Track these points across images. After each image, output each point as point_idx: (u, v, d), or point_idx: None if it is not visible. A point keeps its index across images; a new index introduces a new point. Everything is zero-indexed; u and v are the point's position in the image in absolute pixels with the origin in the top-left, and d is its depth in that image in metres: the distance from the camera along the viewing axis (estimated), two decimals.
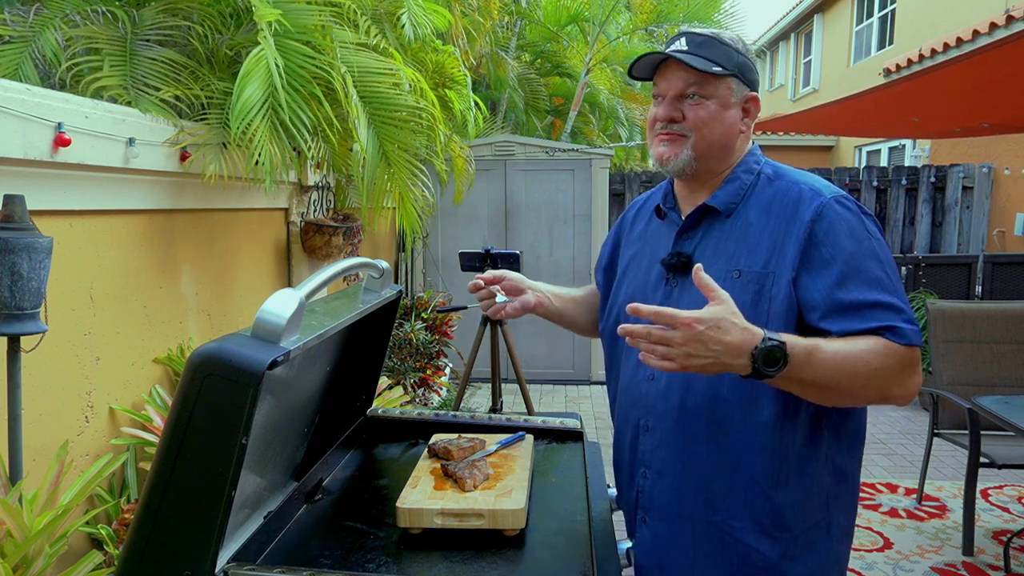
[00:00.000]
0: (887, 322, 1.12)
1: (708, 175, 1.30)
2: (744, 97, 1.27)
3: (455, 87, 3.85)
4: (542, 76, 8.33)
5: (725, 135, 1.26)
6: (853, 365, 1.09)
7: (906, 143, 9.76)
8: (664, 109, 1.26)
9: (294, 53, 2.39)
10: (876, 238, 1.19)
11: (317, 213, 3.60)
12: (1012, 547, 3.13)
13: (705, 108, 1.24)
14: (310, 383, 1.38)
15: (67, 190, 1.86)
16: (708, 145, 1.25)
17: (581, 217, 6.01)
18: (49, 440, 1.79)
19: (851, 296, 1.13)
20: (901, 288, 1.17)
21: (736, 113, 1.27)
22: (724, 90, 1.24)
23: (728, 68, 1.23)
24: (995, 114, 4.66)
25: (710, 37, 1.25)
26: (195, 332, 2.52)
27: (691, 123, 1.25)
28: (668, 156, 1.26)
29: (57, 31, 2.24)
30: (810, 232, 1.17)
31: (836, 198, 1.20)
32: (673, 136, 1.26)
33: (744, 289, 1.19)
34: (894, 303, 1.14)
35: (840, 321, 1.14)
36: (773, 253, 1.19)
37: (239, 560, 1.05)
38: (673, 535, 1.28)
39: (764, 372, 1.04)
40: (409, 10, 3.13)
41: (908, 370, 1.13)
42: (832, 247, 1.16)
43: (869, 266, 1.15)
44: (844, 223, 1.17)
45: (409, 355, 4.61)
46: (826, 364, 1.08)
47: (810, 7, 13.50)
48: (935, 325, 3.71)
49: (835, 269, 1.15)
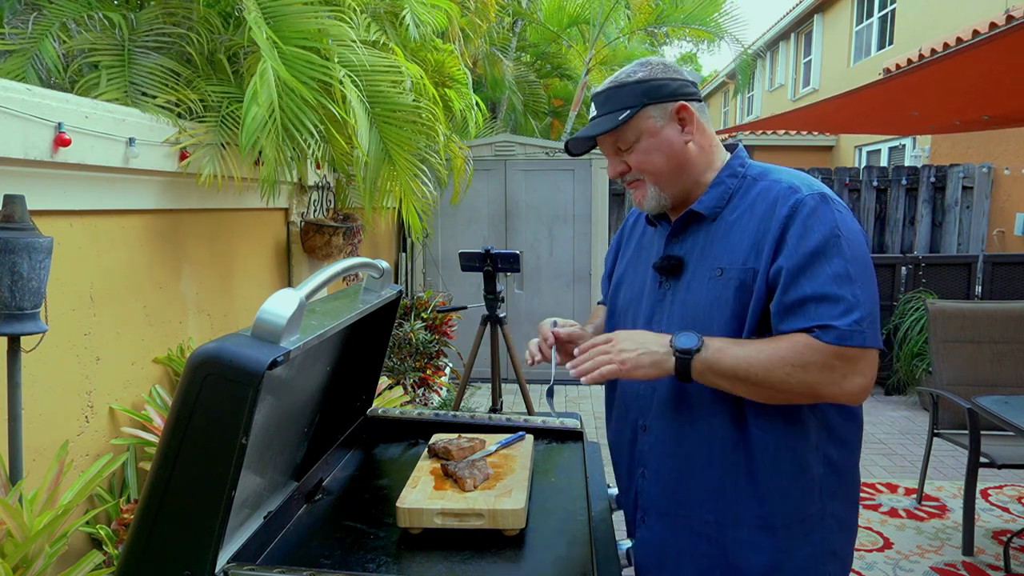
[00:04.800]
0: (822, 320, 1.13)
1: (687, 193, 1.33)
2: (670, 112, 1.28)
3: (455, 86, 3.85)
4: (542, 78, 8.34)
5: (672, 158, 1.29)
6: (768, 359, 1.13)
7: (906, 143, 9.76)
8: (611, 169, 1.35)
9: (296, 60, 2.39)
10: (847, 236, 1.18)
11: (317, 213, 3.60)
12: (1012, 547, 3.13)
13: (638, 151, 1.29)
14: (310, 383, 1.38)
15: (67, 190, 1.86)
16: (662, 175, 1.30)
17: (581, 217, 6.01)
18: (49, 440, 1.79)
19: (800, 291, 1.15)
20: (866, 288, 1.16)
21: (671, 131, 1.29)
22: (644, 123, 1.28)
23: (634, 104, 1.27)
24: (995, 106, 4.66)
25: (611, 88, 1.30)
26: (195, 332, 2.52)
27: (637, 169, 1.31)
28: (640, 200, 1.35)
29: (56, 41, 2.24)
30: (783, 227, 1.19)
31: (812, 194, 1.20)
32: (634, 183, 1.34)
33: (726, 286, 1.23)
34: (842, 298, 1.13)
35: (788, 320, 1.16)
36: (752, 250, 1.22)
37: (239, 560, 1.05)
38: (670, 534, 1.30)
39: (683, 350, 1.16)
40: (411, 8, 3.13)
41: (841, 367, 1.13)
42: (797, 240, 1.17)
43: (829, 263, 1.15)
44: (814, 219, 1.18)
45: (409, 355, 4.60)
46: (741, 355, 1.15)
47: (810, 7, 13.50)
48: (935, 325, 3.71)
49: (796, 264, 1.16)
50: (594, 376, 1.18)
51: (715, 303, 1.23)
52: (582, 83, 7.75)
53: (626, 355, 1.18)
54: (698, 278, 1.27)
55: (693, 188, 1.32)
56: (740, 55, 7.89)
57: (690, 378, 1.17)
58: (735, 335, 1.21)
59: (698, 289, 1.26)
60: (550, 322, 1.45)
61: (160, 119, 2.21)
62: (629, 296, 1.42)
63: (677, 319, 1.29)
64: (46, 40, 2.22)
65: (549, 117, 8.62)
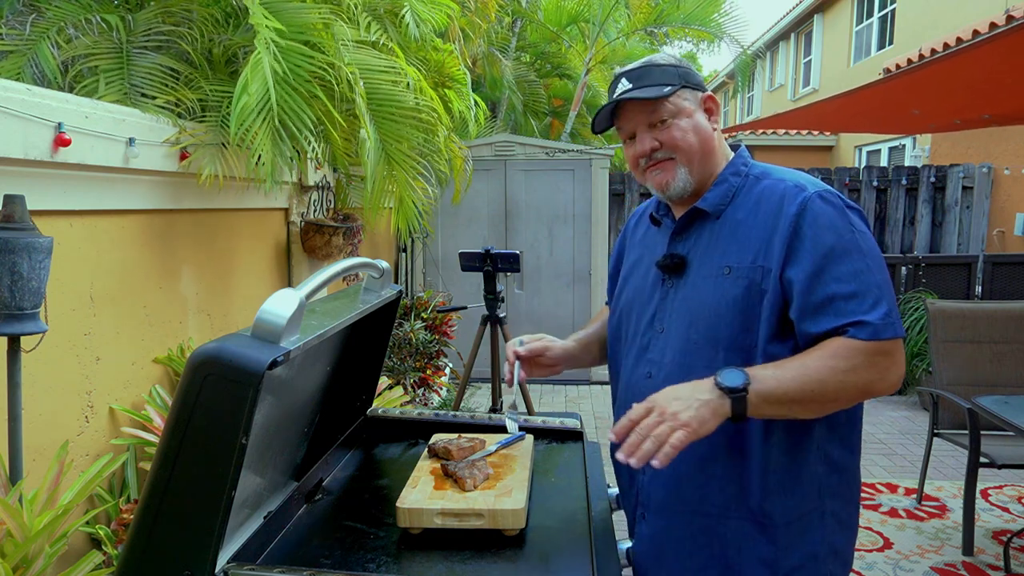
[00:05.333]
0: (854, 316, 1.13)
1: (703, 183, 1.33)
2: (700, 100, 1.32)
3: (454, 86, 3.85)
4: (542, 77, 8.34)
5: (704, 140, 1.30)
6: (818, 372, 1.12)
7: (906, 143, 9.76)
8: (641, 143, 1.31)
9: (293, 53, 2.39)
10: (860, 231, 1.20)
11: (317, 213, 3.60)
12: (1012, 547, 3.13)
13: (675, 126, 1.29)
14: (310, 383, 1.38)
15: (67, 190, 1.86)
16: (695, 155, 1.30)
17: (581, 217, 6.01)
18: (49, 440, 1.79)
19: (828, 290, 1.15)
20: (884, 280, 1.18)
21: (702, 116, 1.31)
22: (681, 103, 1.29)
23: (674, 83, 1.28)
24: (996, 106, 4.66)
25: (644, 67, 1.30)
26: (195, 332, 2.52)
27: (670, 145, 1.29)
28: (666, 181, 1.31)
29: (53, 46, 2.24)
30: (795, 226, 1.19)
31: (819, 192, 1.21)
32: (661, 164, 1.31)
33: (734, 284, 1.22)
34: (868, 291, 1.15)
35: (819, 320, 1.16)
36: (761, 248, 1.22)
37: (239, 560, 1.05)
38: (670, 530, 1.30)
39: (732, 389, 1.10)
40: (411, 7, 3.13)
41: (882, 362, 1.14)
42: (814, 240, 1.18)
43: (849, 259, 1.16)
44: (826, 217, 1.19)
45: (409, 355, 4.60)
46: (790, 376, 1.12)
47: (810, 7, 13.50)
48: (935, 325, 3.71)
49: (815, 263, 1.17)
50: (669, 454, 1.06)
51: (723, 301, 1.23)
52: (582, 83, 7.75)
53: (686, 415, 1.08)
54: (704, 276, 1.27)
55: (706, 180, 1.32)
56: (739, 55, 7.89)
57: (746, 417, 1.12)
58: (743, 334, 1.21)
59: (704, 287, 1.26)
60: (516, 341, 1.47)
61: (160, 119, 2.21)
62: (632, 295, 1.42)
63: (681, 317, 1.29)
64: (43, 43, 2.22)
65: (549, 117, 8.62)
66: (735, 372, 1.12)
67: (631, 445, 1.09)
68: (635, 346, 1.37)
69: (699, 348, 1.25)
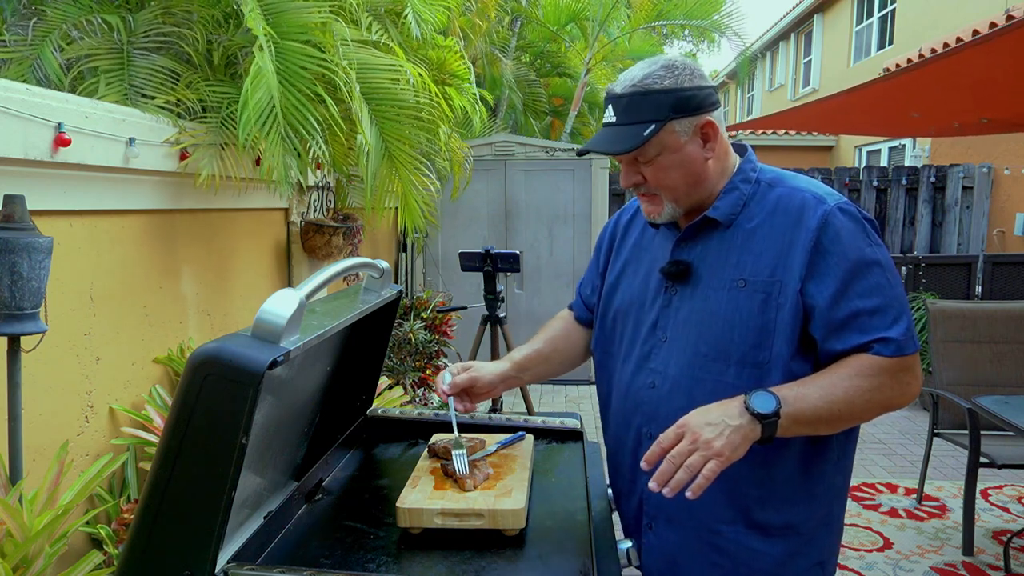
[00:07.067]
0: (878, 333, 1.14)
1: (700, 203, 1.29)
2: (696, 127, 1.23)
3: (456, 83, 3.83)
4: (542, 77, 8.32)
5: (691, 174, 1.25)
6: (845, 392, 1.12)
7: (906, 143, 9.76)
8: (626, 176, 1.28)
9: (294, 54, 2.39)
10: (878, 244, 1.21)
11: (317, 213, 3.60)
12: (1012, 547, 3.13)
13: (658, 165, 1.24)
14: (310, 383, 1.38)
15: (67, 190, 1.86)
16: (680, 191, 1.26)
17: (581, 217, 6.01)
18: (49, 440, 1.79)
19: (853, 305, 1.15)
20: (901, 291, 1.19)
21: (693, 148, 1.23)
22: (667, 137, 1.21)
23: (661, 118, 1.19)
24: (994, 109, 4.66)
25: (636, 94, 1.21)
26: (195, 332, 2.52)
27: (653, 183, 1.26)
28: (652, 213, 1.30)
29: (56, 49, 2.24)
30: (816, 240, 1.18)
31: (839, 205, 1.21)
32: (647, 196, 1.29)
33: (750, 298, 1.20)
34: (890, 306, 1.16)
35: (844, 337, 1.15)
36: (779, 261, 1.20)
37: (239, 560, 1.05)
38: (682, 541, 1.28)
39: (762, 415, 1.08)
40: (413, 7, 3.13)
41: (905, 377, 1.15)
42: (838, 256, 1.17)
43: (871, 273, 1.16)
44: (848, 232, 1.18)
45: (409, 355, 4.60)
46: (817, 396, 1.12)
47: (810, 7, 13.50)
48: (935, 325, 3.71)
49: (840, 279, 1.16)
50: (702, 485, 1.05)
51: (736, 314, 1.20)
52: (582, 82, 7.74)
53: (719, 443, 1.05)
54: (715, 288, 1.24)
55: (703, 200, 1.29)
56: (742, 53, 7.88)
57: (774, 440, 1.10)
58: (755, 350, 1.19)
59: (716, 299, 1.23)
60: (443, 377, 1.43)
61: (160, 119, 2.21)
62: (628, 299, 1.38)
63: (689, 327, 1.25)
64: (46, 47, 2.22)
65: (549, 116, 8.60)
66: (766, 396, 1.10)
67: (663, 473, 1.07)
68: (634, 353, 1.33)
69: (708, 362, 1.22)
